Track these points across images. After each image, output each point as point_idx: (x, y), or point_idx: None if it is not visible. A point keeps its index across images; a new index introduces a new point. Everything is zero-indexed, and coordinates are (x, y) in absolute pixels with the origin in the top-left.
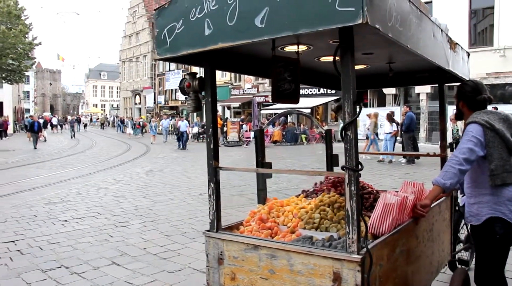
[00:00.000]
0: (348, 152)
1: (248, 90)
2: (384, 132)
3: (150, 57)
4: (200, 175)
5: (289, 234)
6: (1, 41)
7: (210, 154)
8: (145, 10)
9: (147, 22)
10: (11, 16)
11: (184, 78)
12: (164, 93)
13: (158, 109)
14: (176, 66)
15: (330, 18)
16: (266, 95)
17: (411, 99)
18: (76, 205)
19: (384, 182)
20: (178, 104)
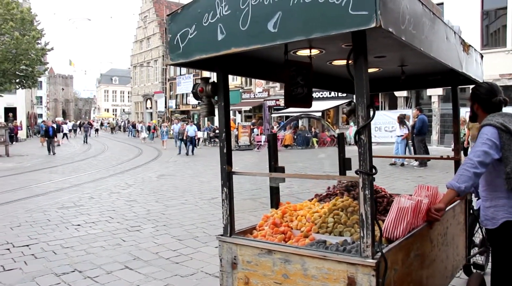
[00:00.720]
0: (362, 156)
1: (259, 94)
2: (395, 134)
3: (161, 62)
4: (211, 179)
5: (303, 238)
6: (15, 47)
7: (224, 159)
8: (155, 15)
9: (158, 27)
10: (25, 22)
11: (197, 83)
12: (175, 98)
13: (169, 114)
14: (187, 70)
15: (343, 22)
16: (277, 98)
17: (422, 101)
18: (88, 209)
19: (396, 185)
20: (189, 108)
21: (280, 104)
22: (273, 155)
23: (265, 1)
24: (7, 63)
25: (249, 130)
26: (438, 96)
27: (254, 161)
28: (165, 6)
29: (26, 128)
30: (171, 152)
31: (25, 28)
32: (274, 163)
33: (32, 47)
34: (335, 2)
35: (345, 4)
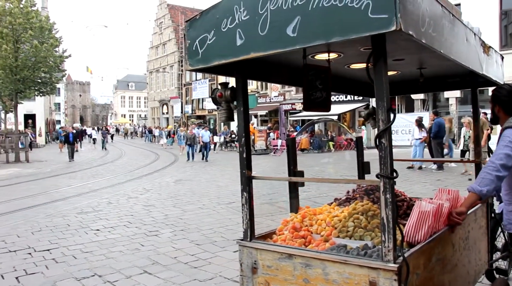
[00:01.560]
0: (383, 160)
1: (275, 98)
2: (413, 137)
3: (177, 67)
4: (228, 184)
5: (323, 242)
6: (34, 55)
7: (243, 164)
8: (171, 21)
9: (173, 32)
10: (43, 30)
11: (216, 89)
12: (191, 103)
13: (186, 119)
14: (203, 75)
15: (362, 25)
16: (293, 102)
17: (440, 104)
18: (107, 214)
19: (414, 189)
20: (205, 113)
21: (296, 108)
22: (292, 160)
23: (284, 6)
24: (27, 71)
25: (265, 135)
26: (456, 98)
27: (271, 165)
28: (180, 12)
29: (45, 134)
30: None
31: (43, 36)
32: (293, 167)
33: (51, 54)
34: (355, 5)
35: (364, 7)
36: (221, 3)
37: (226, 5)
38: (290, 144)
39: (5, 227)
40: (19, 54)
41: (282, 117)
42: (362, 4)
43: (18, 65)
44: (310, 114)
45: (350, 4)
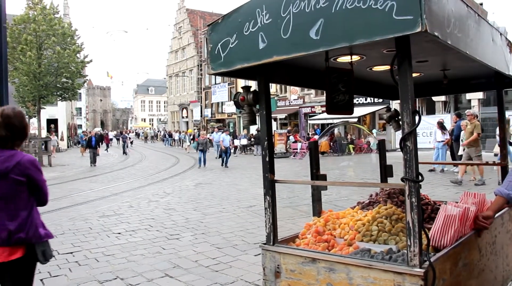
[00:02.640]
0: (408, 163)
1: (294, 101)
2: (435, 140)
3: (196, 71)
4: (248, 187)
5: (347, 246)
6: (56, 61)
7: (266, 167)
8: (190, 25)
9: (192, 37)
10: (65, 37)
11: (239, 92)
12: (211, 106)
13: (205, 122)
14: (222, 79)
15: (387, 27)
16: (312, 105)
17: (461, 105)
18: (128, 218)
19: (436, 192)
20: (225, 116)
21: (316, 111)
22: (315, 163)
23: (307, 9)
24: (49, 77)
25: (285, 138)
26: (478, 99)
27: (292, 168)
28: (199, 16)
29: (67, 139)
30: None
31: (66, 43)
32: (316, 171)
33: (73, 60)
34: (379, 7)
35: (389, 9)
36: (243, 7)
37: (248, 9)
38: (313, 148)
39: None
40: (42, 60)
41: (302, 120)
42: (386, 5)
43: (41, 71)
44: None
45: (374, 6)
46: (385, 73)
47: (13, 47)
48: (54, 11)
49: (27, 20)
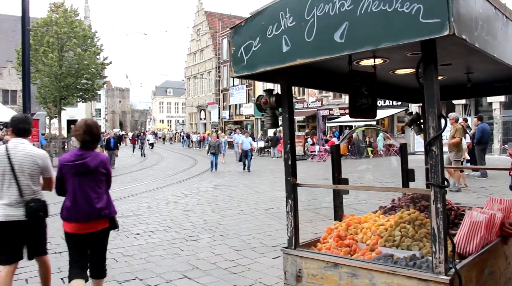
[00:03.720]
0: (433, 168)
1: (312, 103)
2: None
3: (214, 73)
4: (266, 189)
5: (369, 252)
6: (77, 63)
7: (288, 171)
8: (208, 27)
9: (211, 39)
10: (86, 39)
11: (261, 95)
12: (229, 108)
13: (223, 124)
14: (240, 81)
15: (413, 31)
16: (330, 108)
17: (482, 108)
18: (147, 218)
19: (457, 197)
20: (243, 118)
21: (334, 114)
22: (337, 167)
23: (331, 12)
24: (70, 78)
25: (303, 140)
26: (500, 102)
27: (310, 171)
28: (218, 19)
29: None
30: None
31: (86, 44)
32: (338, 174)
33: (93, 62)
34: (405, 10)
35: (415, 12)
36: (266, 10)
37: (271, 12)
38: (335, 151)
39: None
40: (63, 62)
41: (320, 122)
42: (412, 8)
43: (62, 73)
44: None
45: (400, 9)
46: (408, 76)
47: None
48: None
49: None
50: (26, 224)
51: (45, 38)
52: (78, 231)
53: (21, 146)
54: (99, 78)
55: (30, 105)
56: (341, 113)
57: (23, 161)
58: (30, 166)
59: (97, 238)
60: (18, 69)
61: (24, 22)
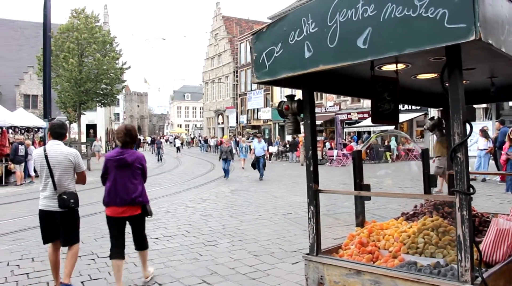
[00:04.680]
0: (458, 175)
1: (330, 107)
2: (477, 148)
3: (232, 78)
4: (284, 194)
5: (392, 259)
6: (96, 68)
7: (310, 177)
8: (226, 32)
9: (229, 44)
10: (105, 44)
11: (283, 101)
12: (246, 113)
13: (241, 129)
14: (258, 86)
15: (438, 36)
16: (349, 112)
17: (503, 112)
18: (165, 223)
19: (478, 202)
20: (260, 123)
21: (352, 118)
22: (359, 173)
23: (354, 17)
24: (90, 83)
25: (321, 145)
26: None
27: (328, 176)
28: (235, 23)
29: (105, 144)
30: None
31: (105, 50)
32: (359, 180)
33: (112, 67)
34: (429, 15)
35: (440, 17)
36: (288, 16)
37: (293, 18)
38: (356, 157)
39: None
40: (83, 67)
41: (338, 127)
42: (437, 13)
43: (82, 78)
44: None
45: (425, 14)
46: (430, 81)
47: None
48: (95, 19)
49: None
50: (60, 214)
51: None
52: (116, 215)
53: (56, 146)
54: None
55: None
56: (359, 118)
57: (58, 159)
58: (64, 163)
59: (133, 222)
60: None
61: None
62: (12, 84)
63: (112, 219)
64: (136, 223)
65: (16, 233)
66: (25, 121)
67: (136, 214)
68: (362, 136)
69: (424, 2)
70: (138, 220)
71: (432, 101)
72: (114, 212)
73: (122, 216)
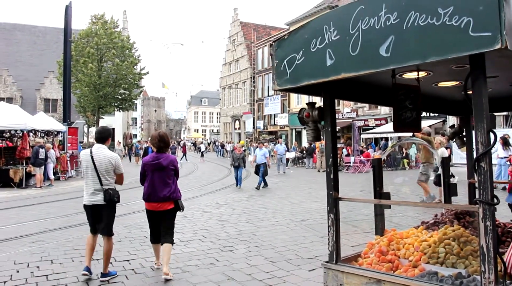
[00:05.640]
0: (482, 185)
1: (347, 114)
2: (498, 156)
3: (249, 83)
4: (301, 201)
5: (412, 268)
6: (115, 73)
7: (330, 185)
8: (244, 38)
9: (246, 49)
10: (124, 49)
11: (303, 108)
12: (263, 118)
13: (257, 134)
14: (275, 91)
15: (462, 44)
16: (366, 119)
17: None
18: (182, 228)
19: (500, 212)
20: (277, 129)
21: (369, 124)
22: (378, 181)
23: (377, 25)
24: (108, 88)
25: (340, 152)
26: None
27: (345, 183)
28: (253, 29)
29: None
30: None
31: (124, 55)
32: (379, 189)
33: (130, 72)
34: (454, 24)
35: (465, 25)
36: (309, 23)
37: (315, 25)
38: (376, 165)
39: None
40: (102, 72)
41: (355, 133)
42: (462, 22)
43: (101, 82)
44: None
45: (449, 22)
46: (450, 89)
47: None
48: (114, 25)
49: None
50: (103, 206)
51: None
52: (154, 209)
53: (101, 150)
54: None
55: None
56: (377, 124)
57: (102, 160)
58: (106, 164)
59: (166, 215)
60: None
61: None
62: (33, 88)
63: (151, 213)
64: (169, 216)
65: (36, 235)
66: (45, 125)
67: (170, 208)
68: (380, 142)
69: (448, 10)
70: (171, 213)
71: (452, 109)
72: (152, 207)
73: (159, 210)
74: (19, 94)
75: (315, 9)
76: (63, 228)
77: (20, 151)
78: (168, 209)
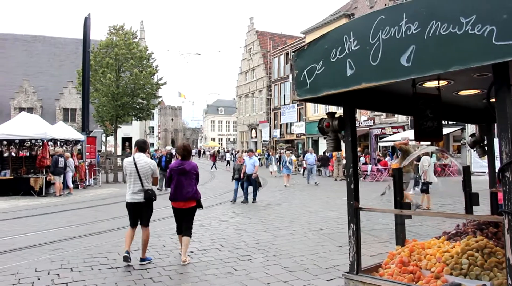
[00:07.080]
0: (507, 195)
1: (364, 122)
2: None
3: (265, 92)
4: (319, 209)
5: (434, 279)
6: (133, 83)
7: (351, 194)
8: (259, 47)
9: (262, 58)
10: (142, 60)
11: (323, 118)
12: (280, 127)
13: (274, 143)
14: (291, 100)
15: (485, 53)
16: (383, 127)
17: None
18: (200, 237)
19: None
20: (294, 137)
21: (386, 133)
22: (399, 191)
23: (397, 35)
24: (126, 97)
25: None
26: None
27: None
28: (269, 38)
29: None
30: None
31: (142, 65)
32: (400, 198)
33: (148, 82)
34: (476, 32)
35: (488, 34)
36: (329, 34)
37: (335, 36)
38: (397, 175)
39: (107, 244)
40: (120, 82)
41: (372, 141)
42: (485, 30)
43: (119, 92)
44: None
45: (471, 31)
46: (471, 97)
47: (95, 70)
48: (133, 35)
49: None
50: (142, 204)
51: (105, 59)
52: (179, 206)
53: (142, 157)
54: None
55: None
56: (394, 132)
57: (143, 166)
58: (146, 169)
59: (188, 212)
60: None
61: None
62: (52, 98)
63: (176, 210)
64: (190, 213)
65: (57, 242)
66: (65, 134)
67: (192, 206)
68: (397, 151)
69: (471, 19)
70: (192, 210)
71: (472, 117)
72: (177, 205)
73: (183, 208)
74: (39, 104)
75: (331, 17)
76: (82, 236)
77: (40, 160)
78: (191, 207)
